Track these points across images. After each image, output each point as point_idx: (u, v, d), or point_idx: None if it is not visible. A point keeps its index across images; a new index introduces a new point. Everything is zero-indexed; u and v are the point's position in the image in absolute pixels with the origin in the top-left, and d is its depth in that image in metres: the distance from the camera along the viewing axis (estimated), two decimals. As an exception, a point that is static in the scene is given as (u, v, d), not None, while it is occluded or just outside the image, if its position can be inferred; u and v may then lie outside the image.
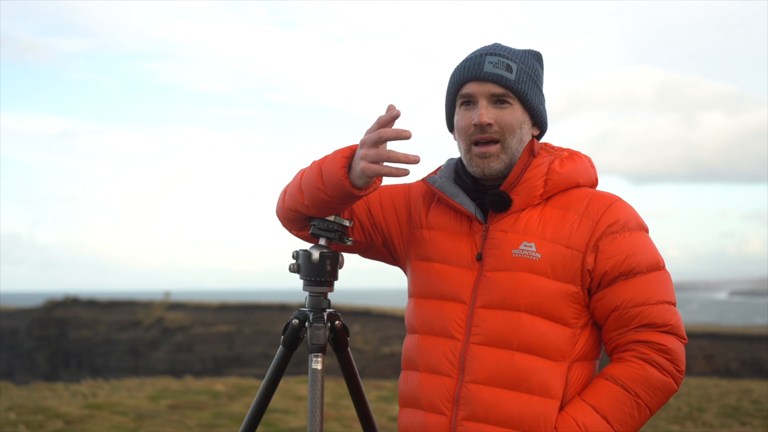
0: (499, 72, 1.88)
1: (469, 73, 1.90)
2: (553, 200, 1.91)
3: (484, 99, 1.88)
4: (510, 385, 1.83)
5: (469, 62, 1.92)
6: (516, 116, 1.89)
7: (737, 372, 27.63)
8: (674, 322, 1.84)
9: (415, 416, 1.93)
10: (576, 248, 1.84)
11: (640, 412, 1.82)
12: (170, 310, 44.27)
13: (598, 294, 1.86)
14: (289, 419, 9.02)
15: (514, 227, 1.88)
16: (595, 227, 1.85)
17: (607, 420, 1.80)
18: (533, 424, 1.81)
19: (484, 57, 1.90)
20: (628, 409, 1.81)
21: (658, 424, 10.46)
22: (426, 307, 1.95)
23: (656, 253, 1.89)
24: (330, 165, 1.83)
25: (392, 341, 34.30)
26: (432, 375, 1.90)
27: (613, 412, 1.80)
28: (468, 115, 1.90)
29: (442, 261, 1.94)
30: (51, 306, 47.65)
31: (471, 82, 1.89)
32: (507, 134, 1.88)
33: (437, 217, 1.99)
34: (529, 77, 1.91)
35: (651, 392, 1.82)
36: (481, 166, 1.89)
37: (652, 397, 1.82)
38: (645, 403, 1.82)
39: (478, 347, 1.85)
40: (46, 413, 8.68)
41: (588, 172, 1.95)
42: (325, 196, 1.85)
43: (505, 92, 1.88)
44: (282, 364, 2.03)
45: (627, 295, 1.83)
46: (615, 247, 1.84)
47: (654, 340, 1.82)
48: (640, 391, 1.81)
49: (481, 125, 1.87)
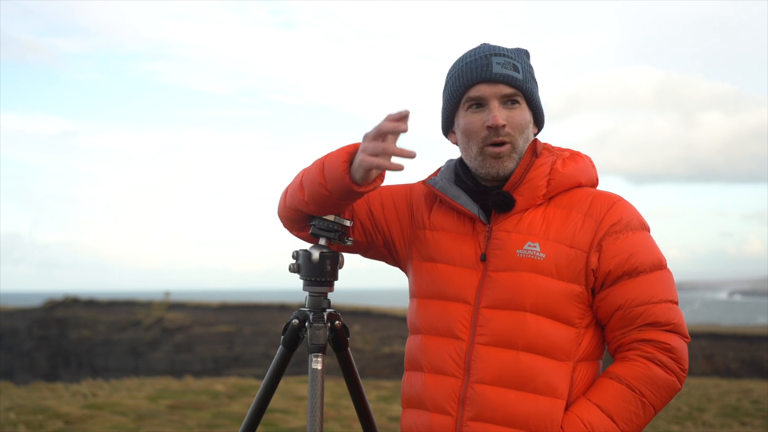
0: (508, 72, 1.87)
1: (478, 74, 1.88)
2: (556, 200, 1.91)
3: (495, 100, 1.87)
4: (516, 385, 1.82)
5: (474, 64, 1.89)
6: (524, 116, 1.90)
7: (737, 372, 27.63)
8: (677, 321, 1.85)
9: (419, 417, 1.92)
10: (580, 248, 1.84)
11: (645, 411, 1.82)
12: (170, 310, 44.27)
13: (602, 293, 1.86)
14: (289, 419, 9.02)
15: (518, 227, 1.88)
16: (598, 227, 1.85)
17: (612, 419, 1.80)
18: (539, 424, 1.80)
19: (490, 58, 1.89)
20: (633, 408, 1.81)
21: (658, 424, 10.46)
22: (430, 308, 1.94)
23: (658, 252, 1.89)
24: (333, 159, 1.83)
25: (392, 341, 34.29)
26: (437, 375, 1.90)
27: (618, 411, 1.81)
28: (479, 118, 1.88)
29: (446, 262, 1.94)
30: (51, 306, 47.63)
31: (481, 84, 1.88)
32: (517, 135, 1.88)
33: (440, 218, 1.98)
34: (531, 75, 1.92)
35: (656, 391, 1.82)
36: (496, 167, 1.88)
37: (656, 396, 1.82)
38: (650, 401, 1.82)
39: (484, 347, 1.85)
40: (46, 413, 8.68)
41: (589, 172, 1.95)
42: (325, 191, 1.85)
43: (515, 92, 1.88)
44: (282, 364, 2.03)
45: (630, 294, 1.83)
46: (618, 246, 1.84)
47: (658, 339, 1.82)
48: (645, 390, 1.81)
49: (496, 127, 1.85)
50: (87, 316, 45.55)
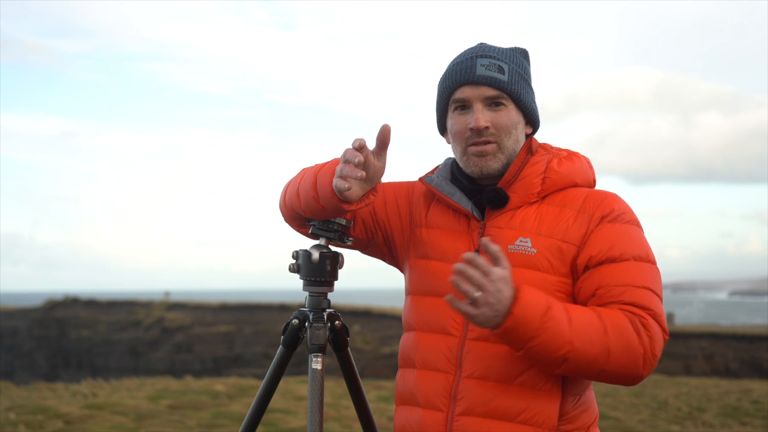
0: (491, 74, 1.88)
1: (461, 77, 1.89)
2: (550, 198, 1.91)
3: (479, 102, 1.88)
4: (506, 378, 1.82)
5: (459, 66, 1.91)
6: (511, 117, 1.90)
7: (737, 372, 27.60)
8: (658, 310, 1.77)
9: (411, 413, 1.93)
10: (572, 242, 1.84)
11: (599, 343, 1.69)
12: (170, 310, 44.26)
13: (583, 275, 1.82)
14: (289, 419, 9.02)
15: (510, 224, 1.88)
16: (590, 220, 1.85)
17: (569, 320, 1.70)
18: (530, 416, 1.80)
19: (475, 60, 1.90)
20: (592, 330, 1.70)
21: (658, 424, 10.47)
22: (423, 305, 1.95)
23: (648, 248, 1.86)
24: (323, 177, 1.85)
25: (392, 341, 34.27)
26: (429, 372, 1.90)
27: (578, 321, 1.70)
28: (463, 120, 1.90)
29: (440, 258, 1.94)
30: (51, 306, 47.67)
31: (464, 86, 1.89)
32: (503, 135, 1.89)
33: (436, 215, 1.99)
34: (520, 76, 1.92)
35: (619, 340, 1.70)
36: (479, 164, 1.90)
37: (617, 344, 1.70)
38: (609, 341, 1.70)
39: (475, 342, 1.85)
40: (46, 413, 8.68)
41: (586, 173, 1.95)
42: (318, 205, 1.87)
43: (499, 94, 1.88)
44: (282, 364, 2.03)
45: (612, 277, 1.78)
46: (606, 233, 1.82)
47: (639, 314, 1.75)
48: (610, 330, 1.70)
49: (478, 129, 1.87)
50: (87, 316, 45.57)
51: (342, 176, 1.77)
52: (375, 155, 1.81)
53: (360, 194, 1.83)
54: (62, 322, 45.46)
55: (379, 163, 1.82)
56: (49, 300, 48.96)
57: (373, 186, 1.86)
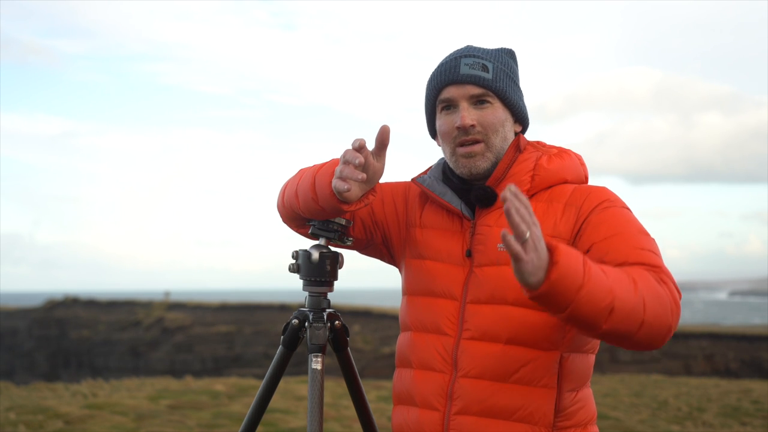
0: (475, 72, 1.88)
1: (446, 77, 1.90)
2: (538, 195, 1.90)
3: (464, 101, 1.89)
4: (502, 377, 1.82)
5: (444, 67, 1.92)
6: (497, 115, 1.90)
7: (737, 372, 27.60)
8: (669, 271, 1.71)
9: (408, 413, 1.94)
10: (562, 236, 1.82)
11: (633, 290, 1.59)
12: (170, 310, 44.27)
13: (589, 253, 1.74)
14: (289, 419, 9.02)
15: (500, 222, 1.88)
16: (579, 213, 1.83)
17: (601, 267, 1.59)
18: (526, 414, 1.80)
19: (459, 60, 1.91)
20: (623, 278, 1.60)
21: (658, 424, 10.47)
22: (418, 305, 1.96)
23: (642, 226, 1.81)
24: (322, 177, 1.85)
25: (392, 341, 34.24)
26: (425, 371, 1.91)
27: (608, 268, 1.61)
28: (450, 119, 1.90)
29: (434, 258, 1.95)
30: (51, 306, 47.68)
31: (449, 86, 1.90)
32: (490, 133, 1.89)
33: (430, 216, 2.00)
34: (505, 74, 1.92)
35: (649, 289, 1.62)
36: (468, 165, 1.90)
37: (649, 293, 1.61)
38: (639, 288, 1.60)
39: (469, 342, 1.85)
40: (46, 413, 8.69)
41: (577, 170, 1.94)
42: (317, 206, 1.88)
43: (484, 92, 1.89)
44: (282, 364, 2.03)
45: (618, 245, 1.72)
46: (603, 218, 1.79)
47: (654, 270, 1.68)
48: (638, 280, 1.61)
49: (465, 127, 1.87)
50: (87, 316, 45.57)
51: (342, 177, 1.77)
52: (374, 156, 1.81)
53: (359, 195, 1.84)
54: (62, 322, 45.47)
55: (378, 164, 1.83)
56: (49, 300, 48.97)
57: (372, 186, 1.87)
